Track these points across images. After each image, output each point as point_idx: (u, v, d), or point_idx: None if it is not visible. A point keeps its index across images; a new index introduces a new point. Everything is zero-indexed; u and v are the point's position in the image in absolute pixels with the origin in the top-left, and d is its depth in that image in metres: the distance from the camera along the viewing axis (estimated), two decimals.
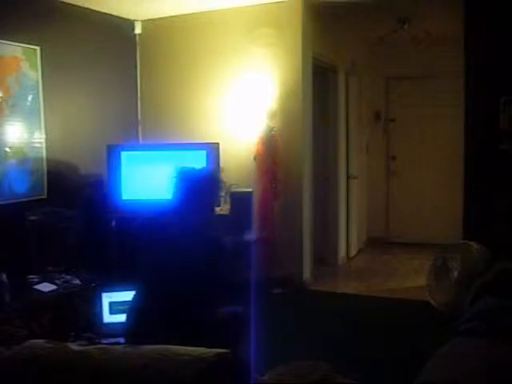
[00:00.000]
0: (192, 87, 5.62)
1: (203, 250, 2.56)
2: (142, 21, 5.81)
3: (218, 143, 4.86)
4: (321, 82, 6.00)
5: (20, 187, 4.56)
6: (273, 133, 5.14)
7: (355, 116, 6.64)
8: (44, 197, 4.74)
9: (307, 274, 5.40)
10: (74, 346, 1.35)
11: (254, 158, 5.19)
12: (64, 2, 4.88)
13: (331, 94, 6.21)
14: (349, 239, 6.59)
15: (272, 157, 5.12)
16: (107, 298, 3.84)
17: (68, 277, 4.19)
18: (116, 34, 5.62)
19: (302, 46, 5.14)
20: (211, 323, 2.48)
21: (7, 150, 4.46)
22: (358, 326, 4.23)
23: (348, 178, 6.51)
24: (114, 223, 4.76)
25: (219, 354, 1.25)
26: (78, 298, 4.00)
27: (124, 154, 4.85)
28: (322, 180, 6.16)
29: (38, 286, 3.98)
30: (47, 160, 4.78)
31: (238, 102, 5.35)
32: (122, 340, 3.57)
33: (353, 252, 6.69)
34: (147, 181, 4.86)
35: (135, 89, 5.88)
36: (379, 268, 6.20)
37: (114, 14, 5.47)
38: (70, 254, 4.42)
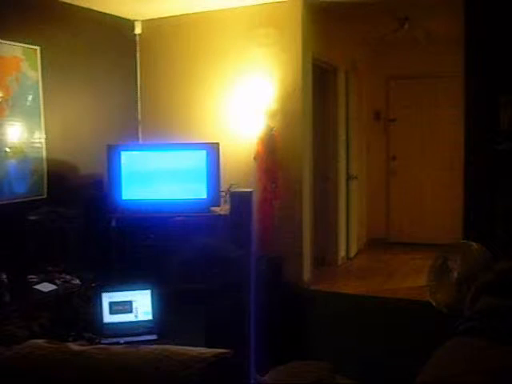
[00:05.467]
0: (192, 87, 5.62)
1: None
2: (142, 21, 5.81)
3: (217, 143, 4.86)
4: (321, 81, 6.00)
5: (20, 187, 4.56)
6: (273, 133, 5.14)
7: (355, 116, 6.64)
8: (44, 197, 4.74)
9: (307, 274, 5.40)
10: (74, 346, 1.35)
11: (254, 158, 5.19)
12: (64, 2, 4.88)
13: (331, 94, 6.21)
14: (349, 239, 6.59)
15: (272, 157, 5.12)
16: (107, 298, 3.85)
17: (68, 277, 4.19)
18: (116, 34, 5.62)
19: (301, 46, 5.14)
20: None
21: (7, 149, 4.46)
22: (357, 326, 4.23)
23: (348, 178, 6.51)
24: (113, 223, 4.77)
25: (219, 353, 1.25)
26: (77, 297, 4.00)
27: (124, 154, 4.85)
28: (322, 180, 6.16)
29: (38, 286, 3.98)
30: (47, 160, 4.78)
31: (238, 101, 5.35)
32: (121, 340, 3.59)
33: (353, 252, 6.69)
34: (147, 181, 4.86)
35: (135, 89, 5.88)
36: (379, 268, 6.20)
37: (113, 13, 5.47)
38: (70, 254, 4.43)
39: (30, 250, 4.21)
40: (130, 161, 4.87)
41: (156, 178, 4.86)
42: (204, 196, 4.84)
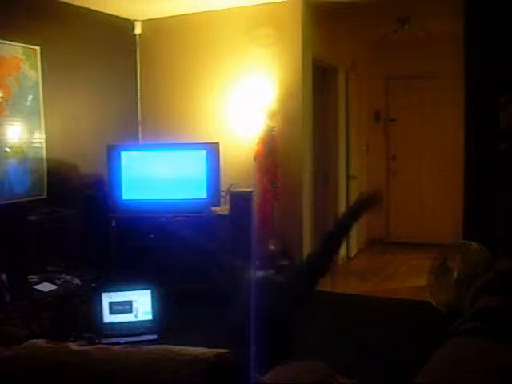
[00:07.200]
0: (192, 87, 5.62)
1: None
2: (142, 21, 5.81)
3: (217, 143, 4.86)
4: (321, 82, 6.00)
5: (20, 187, 4.56)
6: (273, 133, 5.14)
7: (355, 116, 6.64)
8: (44, 197, 4.74)
9: None
10: (74, 346, 1.35)
11: (254, 158, 5.19)
12: (64, 2, 4.88)
13: (331, 94, 6.21)
14: (349, 239, 6.58)
15: (272, 157, 5.12)
16: (107, 298, 3.85)
17: (68, 277, 4.20)
18: (116, 34, 5.62)
19: (301, 46, 5.14)
20: None
21: (7, 149, 4.46)
22: (357, 326, 4.23)
23: (348, 178, 6.51)
24: (113, 223, 4.77)
25: (219, 353, 1.25)
26: (77, 297, 4.00)
27: (124, 154, 4.85)
28: (322, 180, 6.16)
29: (38, 286, 3.98)
30: (47, 160, 4.78)
31: (238, 101, 5.35)
32: (121, 340, 3.59)
33: (353, 252, 6.68)
34: (147, 181, 4.86)
35: (135, 89, 5.87)
36: (379, 268, 6.19)
37: (113, 13, 5.47)
38: (70, 254, 4.43)
39: (30, 250, 4.21)
40: (130, 161, 4.87)
41: (156, 178, 4.86)
42: (204, 196, 4.84)
